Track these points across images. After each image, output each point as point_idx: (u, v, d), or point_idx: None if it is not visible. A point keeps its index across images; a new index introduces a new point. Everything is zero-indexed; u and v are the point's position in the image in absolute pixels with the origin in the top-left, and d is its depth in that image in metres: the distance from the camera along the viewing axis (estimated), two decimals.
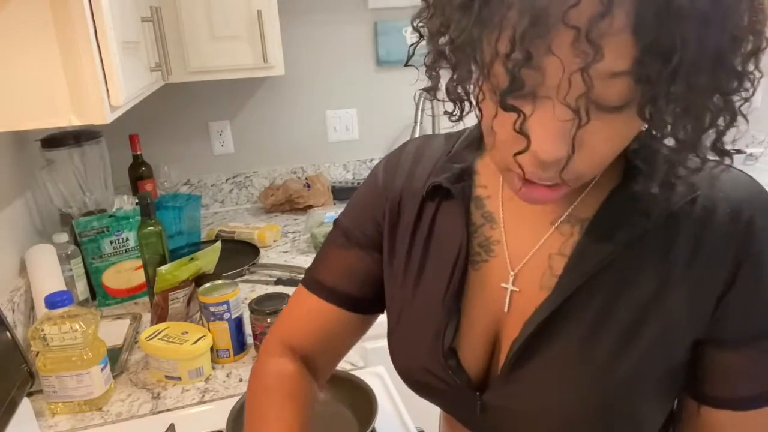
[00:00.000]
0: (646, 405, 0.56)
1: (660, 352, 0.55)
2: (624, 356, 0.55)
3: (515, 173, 0.49)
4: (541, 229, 0.59)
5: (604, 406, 0.55)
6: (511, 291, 0.60)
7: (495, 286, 0.61)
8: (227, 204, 2.16)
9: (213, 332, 1.11)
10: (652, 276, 0.54)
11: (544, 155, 0.45)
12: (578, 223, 0.57)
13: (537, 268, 0.59)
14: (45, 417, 1.01)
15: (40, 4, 0.79)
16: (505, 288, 0.60)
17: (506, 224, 0.61)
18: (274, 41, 1.71)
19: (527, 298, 0.59)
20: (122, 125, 1.61)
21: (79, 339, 0.97)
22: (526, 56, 0.41)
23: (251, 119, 2.11)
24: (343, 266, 0.72)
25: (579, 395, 0.56)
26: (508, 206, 0.62)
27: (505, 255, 0.61)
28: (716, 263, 0.53)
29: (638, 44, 0.39)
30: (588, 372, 0.55)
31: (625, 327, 0.55)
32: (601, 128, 0.44)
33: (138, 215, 1.36)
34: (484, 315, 0.62)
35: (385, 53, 2.14)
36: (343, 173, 2.24)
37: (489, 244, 0.62)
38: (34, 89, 0.82)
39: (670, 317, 0.54)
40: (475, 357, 0.62)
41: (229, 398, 1.01)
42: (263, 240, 1.75)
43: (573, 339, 0.56)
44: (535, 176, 0.48)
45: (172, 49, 1.57)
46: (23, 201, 1.46)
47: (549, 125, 0.44)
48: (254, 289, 1.46)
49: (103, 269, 1.39)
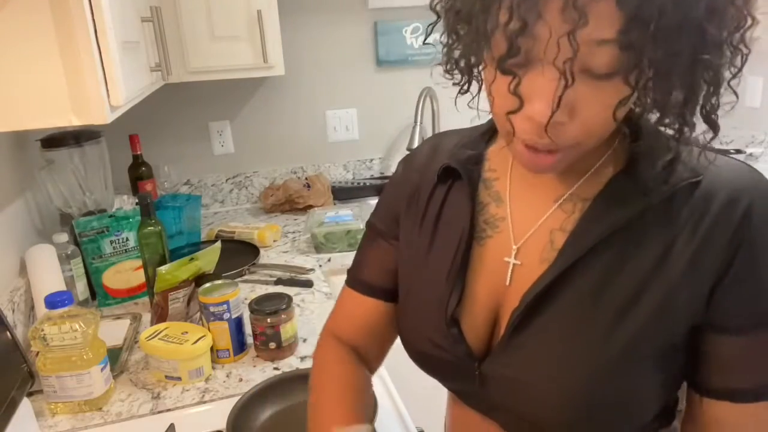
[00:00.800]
0: (642, 381, 0.57)
1: (655, 328, 0.56)
2: (619, 330, 0.56)
3: (519, 140, 0.53)
4: (545, 207, 0.62)
5: (599, 379, 0.57)
6: (513, 264, 0.63)
7: (498, 261, 0.64)
8: (227, 204, 2.16)
9: (213, 332, 1.11)
10: (650, 253, 0.56)
11: (535, 115, 0.49)
12: (580, 202, 0.60)
13: (538, 242, 0.62)
14: (45, 417, 1.01)
15: (40, 4, 0.79)
16: (507, 262, 0.63)
17: (511, 203, 0.65)
18: (274, 41, 1.71)
19: (528, 271, 0.61)
20: (122, 125, 1.61)
21: (79, 339, 0.97)
22: (522, 25, 0.45)
23: (251, 119, 2.11)
24: (375, 261, 0.77)
25: (575, 366, 0.57)
26: (514, 186, 0.65)
27: (509, 231, 0.64)
28: (714, 246, 0.55)
29: (622, 13, 0.43)
30: (584, 343, 0.57)
31: (621, 301, 0.56)
32: (591, 95, 0.48)
33: (138, 215, 1.36)
34: (486, 288, 0.64)
35: (385, 53, 2.14)
36: (343, 173, 2.24)
37: (494, 221, 0.65)
38: (34, 89, 0.82)
39: (666, 295, 0.56)
40: (476, 328, 0.64)
41: (229, 398, 1.01)
42: (263, 240, 1.75)
43: (570, 310, 0.58)
44: (531, 141, 0.52)
45: (172, 49, 1.57)
46: (23, 201, 1.46)
47: (540, 87, 0.48)
48: (254, 289, 1.46)
49: (103, 269, 1.39)
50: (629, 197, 0.57)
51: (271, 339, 1.12)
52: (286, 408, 0.97)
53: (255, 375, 1.09)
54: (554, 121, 0.48)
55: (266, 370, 1.11)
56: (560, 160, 0.53)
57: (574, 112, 0.49)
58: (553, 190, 0.62)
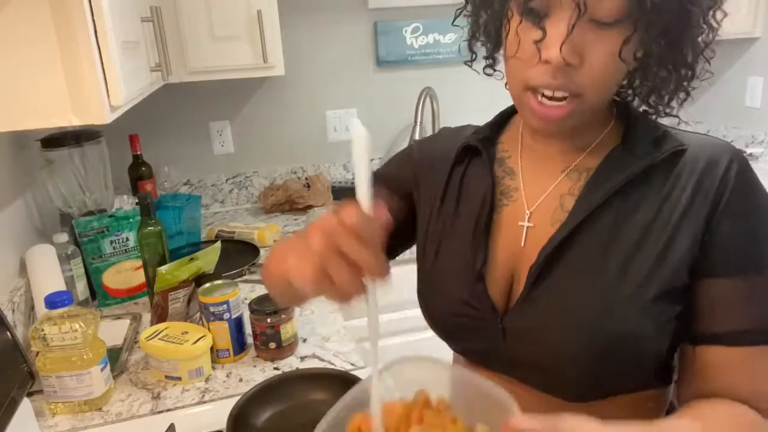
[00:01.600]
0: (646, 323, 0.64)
1: (658, 273, 0.63)
2: (626, 276, 0.64)
3: (530, 96, 0.62)
4: (553, 177, 0.71)
5: (610, 321, 0.63)
6: (527, 228, 0.71)
7: (514, 225, 0.72)
8: (227, 204, 2.16)
9: (213, 332, 1.11)
10: (648, 209, 0.65)
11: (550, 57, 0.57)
12: (585, 171, 0.69)
13: (549, 207, 0.70)
14: (45, 417, 1.01)
15: (40, 5, 0.79)
16: (521, 226, 0.71)
17: (523, 175, 0.74)
18: (274, 41, 1.70)
19: (540, 232, 0.70)
20: (122, 125, 1.60)
21: (79, 339, 0.97)
22: None
23: (251, 119, 2.11)
24: None
25: (588, 311, 0.64)
26: (525, 161, 0.75)
27: (523, 199, 0.73)
28: (702, 198, 0.64)
29: None
30: (596, 290, 0.64)
31: (626, 251, 0.64)
32: (597, 43, 0.58)
33: (138, 215, 1.36)
34: (504, 250, 0.72)
35: (385, 53, 2.14)
36: (343, 173, 2.24)
37: (509, 191, 0.74)
38: (34, 89, 0.82)
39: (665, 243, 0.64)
40: (497, 287, 0.71)
41: (229, 398, 1.01)
42: (263, 240, 1.74)
43: (583, 262, 0.66)
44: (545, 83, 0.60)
45: (172, 49, 1.57)
46: (23, 201, 1.46)
47: (553, 35, 0.57)
48: (254, 289, 1.46)
49: (103, 269, 1.39)
50: (627, 163, 0.66)
51: (271, 339, 1.12)
52: (286, 408, 0.97)
53: (255, 375, 1.09)
54: (566, 62, 0.57)
55: (266, 370, 1.11)
56: (568, 114, 0.61)
57: (583, 58, 0.58)
58: (561, 163, 0.71)
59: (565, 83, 0.59)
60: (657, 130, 0.68)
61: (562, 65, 0.58)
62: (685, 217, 0.64)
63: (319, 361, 1.13)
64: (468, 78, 2.25)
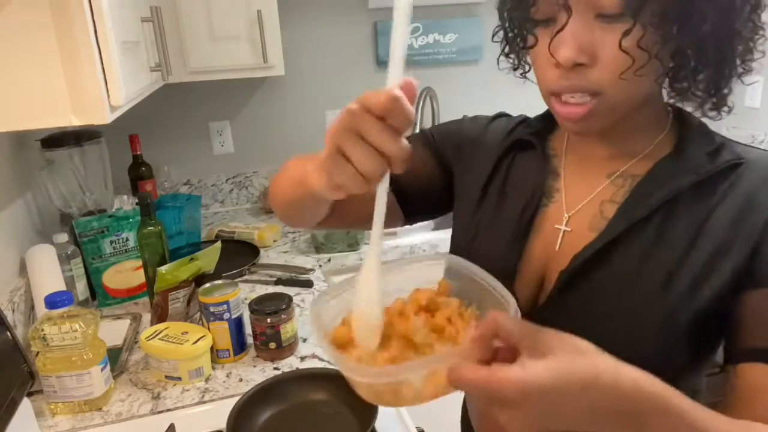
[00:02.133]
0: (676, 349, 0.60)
1: (696, 294, 0.60)
2: (663, 293, 0.60)
3: (554, 99, 0.61)
4: (597, 181, 0.68)
5: (640, 342, 0.60)
6: (564, 231, 0.68)
7: (551, 228, 0.70)
8: (227, 204, 2.16)
9: (213, 332, 1.11)
10: (693, 223, 0.61)
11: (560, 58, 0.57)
12: (631, 178, 0.66)
13: (589, 212, 0.67)
14: (45, 417, 1.01)
15: (40, 5, 0.79)
16: (558, 229, 0.69)
17: (566, 176, 0.71)
18: (274, 41, 1.70)
19: (577, 238, 0.66)
20: (122, 125, 1.60)
21: (79, 339, 0.97)
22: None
23: (251, 119, 2.11)
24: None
25: (617, 328, 0.61)
26: (569, 162, 0.72)
27: (563, 201, 0.70)
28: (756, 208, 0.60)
29: None
30: (627, 305, 0.61)
31: (666, 267, 0.61)
32: (607, 39, 0.56)
33: (138, 215, 1.36)
34: (538, 251, 0.69)
35: (385, 53, 2.13)
36: None
37: (550, 192, 0.71)
38: (34, 89, 0.82)
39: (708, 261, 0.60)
40: (526, 287, 0.69)
41: (229, 398, 1.01)
42: (263, 240, 1.74)
43: (616, 276, 0.62)
44: (560, 86, 0.59)
45: (172, 49, 1.57)
46: (23, 201, 1.46)
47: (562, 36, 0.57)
48: (254, 289, 1.46)
49: (103, 269, 1.39)
50: (677, 174, 0.62)
51: (271, 339, 1.12)
52: (286, 408, 0.97)
53: (255, 375, 1.09)
54: (576, 62, 0.56)
55: (266, 370, 1.11)
56: (590, 112, 0.59)
57: (595, 56, 0.57)
58: (607, 167, 0.68)
59: (579, 83, 0.58)
60: (712, 142, 0.64)
61: (572, 66, 0.57)
62: (734, 229, 0.60)
63: (319, 361, 1.13)
64: (468, 78, 2.26)
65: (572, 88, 0.59)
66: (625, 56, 0.56)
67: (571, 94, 0.59)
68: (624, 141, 0.67)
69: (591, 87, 0.58)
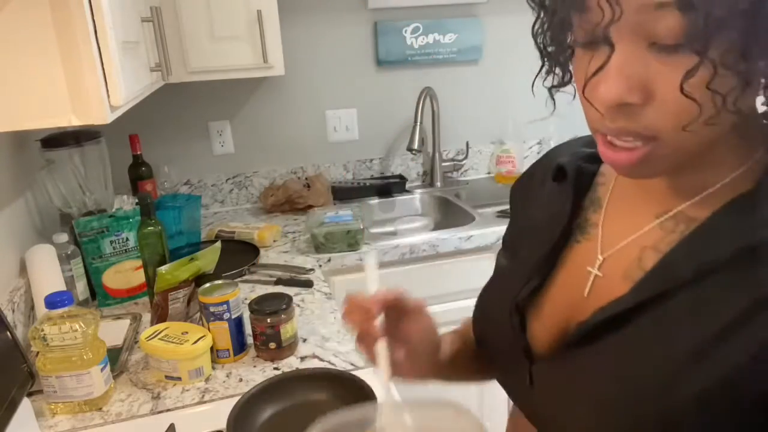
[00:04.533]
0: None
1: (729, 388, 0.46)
2: (689, 381, 0.47)
3: (599, 137, 0.49)
4: (643, 220, 0.55)
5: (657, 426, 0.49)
6: (595, 275, 0.58)
7: (581, 268, 0.60)
8: (227, 204, 2.16)
9: (213, 332, 1.11)
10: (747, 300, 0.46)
11: (601, 94, 0.45)
12: (685, 222, 0.52)
13: (626, 257, 0.55)
14: (45, 417, 1.01)
15: (40, 5, 0.79)
16: (589, 272, 0.58)
17: (608, 209, 0.60)
18: (274, 41, 1.70)
19: (609, 286, 0.56)
20: (122, 125, 1.60)
21: (79, 339, 0.97)
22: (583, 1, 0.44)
23: (251, 119, 2.11)
24: None
25: (628, 402, 0.50)
26: (616, 194, 0.60)
27: (599, 239, 0.59)
28: None
29: None
30: (645, 381, 0.50)
31: (700, 349, 0.47)
32: (664, 73, 0.43)
33: (138, 215, 1.36)
34: (563, 292, 0.61)
35: (385, 53, 2.13)
36: (343, 173, 2.24)
37: (587, 226, 0.61)
38: (34, 89, 0.82)
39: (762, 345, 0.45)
40: (544, 329, 0.61)
41: (229, 398, 1.01)
42: (263, 240, 1.74)
43: (640, 342, 0.51)
44: (604, 127, 0.48)
45: (172, 49, 1.57)
46: (23, 201, 1.46)
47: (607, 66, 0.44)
48: (254, 289, 1.46)
49: (103, 269, 1.39)
50: (748, 225, 0.47)
51: (271, 339, 1.12)
52: (286, 408, 0.97)
53: (255, 375, 1.09)
54: (625, 101, 0.44)
55: (266, 370, 1.11)
56: (641, 159, 0.47)
57: (649, 94, 0.44)
58: (658, 204, 0.54)
59: (627, 126, 0.45)
60: None
61: (617, 106, 0.45)
62: None
63: (319, 361, 1.13)
64: (468, 78, 2.26)
65: (619, 132, 0.46)
66: (689, 102, 0.42)
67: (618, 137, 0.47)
68: (688, 173, 0.51)
69: (644, 132, 0.45)
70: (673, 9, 0.40)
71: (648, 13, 0.41)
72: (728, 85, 0.41)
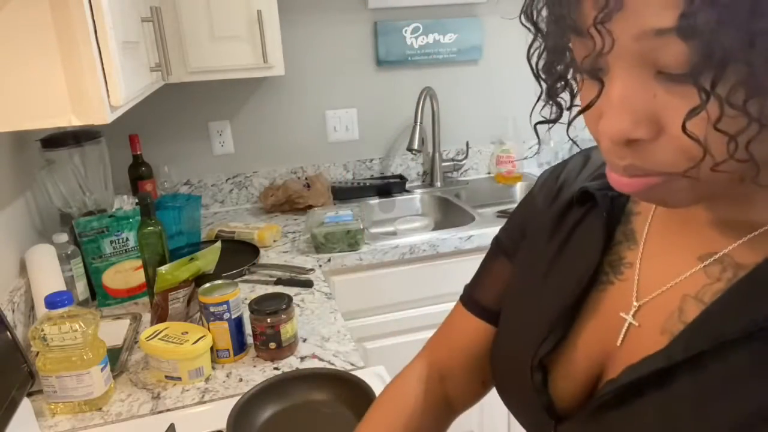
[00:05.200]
0: None
1: None
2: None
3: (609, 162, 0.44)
4: (685, 263, 0.48)
5: None
6: (629, 324, 0.51)
7: (613, 314, 0.52)
8: (227, 204, 2.16)
9: (213, 332, 1.11)
10: None
11: (607, 130, 0.39)
12: (732, 269, 0.45)
13: (665, 306, 0.48)
14: (45, 417, 1.01)
15: (40, 5, 0.79)
16: (623, 318, 0.51)
17: (646, 247, 0.52)
18: (274, 41, 1.71)
19: (645, 336, 0.49)
20: (122, 125, 1.61)
21: (79, 339, 0.97)
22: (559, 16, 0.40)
23: (251, 119, 2.11)
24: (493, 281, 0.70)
25: None
26: (654, 228, 0.52)
27: (634, 282, 0.51)
28: None
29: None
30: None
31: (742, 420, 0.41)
32: (674, 104, 0.37)
33: (138, 215, 1.36)
34: (593, 341, 0.53)
35: (385, 53, 2.13)
36: (343, 173, 2.24)
37: (620, 265, 0.53)
38: (34, 89, 0.82)
39: None
40: (571, 383, 0.54)
41: (229, 398, 1.01)
42: (263, 240, 1.75)
43: (677, 407, 0.45)
44: (614, 163, 0.42)
45: (172, 49, 1.57)
46: (23, 201, 1.46)
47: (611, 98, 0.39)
48: (254, 289, 1.46)
49: (103, 269, 1.39)
50: None
51: (271, 339, 1.12)
52: (286, 408, 0.97)
53: (255, 375, 1.09)
54: (631, 137, 0.39)
55: (266, 370, 1.11)
56: (651, 188, 0.41)
57: (661, 127, 0.38)
58: (702, 245, 0.47)
59: (635, 164, 0.40)
60: None
61: (624, 142, 0.39)
62: None
63: (319, 361, 1.13)
64: (468, 78, 2.26)
65: (628, 170, 0.41)
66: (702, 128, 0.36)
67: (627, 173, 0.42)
68: (730, 207, 0.45)
69: (654, 169, 0.40)
70: (674, 36, 0.35)
71: (648, 40, 0.36)
72: (738, 126, 0.35)
